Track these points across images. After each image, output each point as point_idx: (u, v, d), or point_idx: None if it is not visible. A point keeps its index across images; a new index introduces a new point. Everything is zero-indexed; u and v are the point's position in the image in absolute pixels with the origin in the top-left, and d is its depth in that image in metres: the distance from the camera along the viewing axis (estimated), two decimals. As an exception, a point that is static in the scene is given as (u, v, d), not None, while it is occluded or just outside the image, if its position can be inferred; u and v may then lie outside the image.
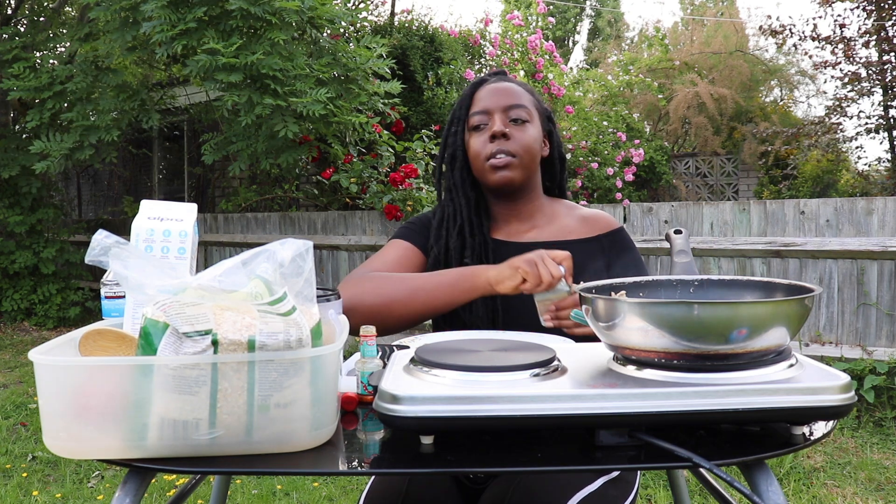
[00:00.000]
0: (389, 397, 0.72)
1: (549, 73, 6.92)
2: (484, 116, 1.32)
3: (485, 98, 1.34)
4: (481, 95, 1.35)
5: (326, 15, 4.62)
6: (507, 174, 1.30)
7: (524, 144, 1.30)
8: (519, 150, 1.30)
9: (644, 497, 2.66)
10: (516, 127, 1.31)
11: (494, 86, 1.35)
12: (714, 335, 0.72)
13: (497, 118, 1.31)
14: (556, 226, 1.37)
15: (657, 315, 0.73)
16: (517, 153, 1.30)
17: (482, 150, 1.31)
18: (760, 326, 0.72)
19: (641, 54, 11.53)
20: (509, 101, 1.32)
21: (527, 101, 1.34)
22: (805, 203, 3.70)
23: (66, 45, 6.26)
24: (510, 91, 1.34)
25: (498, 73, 1.42)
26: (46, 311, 6.48)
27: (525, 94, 1.36)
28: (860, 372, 3.35)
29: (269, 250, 0.76)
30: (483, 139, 1.31)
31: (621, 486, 1.15)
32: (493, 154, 1.29)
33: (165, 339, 0.72)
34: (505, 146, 1.29)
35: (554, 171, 1.43)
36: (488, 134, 1.31)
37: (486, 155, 1.30)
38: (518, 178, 1.31)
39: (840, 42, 7.37)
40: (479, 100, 1.34)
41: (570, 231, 1.36)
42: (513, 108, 1.31)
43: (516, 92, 1.34)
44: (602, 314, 0.78)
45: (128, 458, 0.72)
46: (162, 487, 2.82)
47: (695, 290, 0.91)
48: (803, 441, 0.74)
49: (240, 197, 6.53)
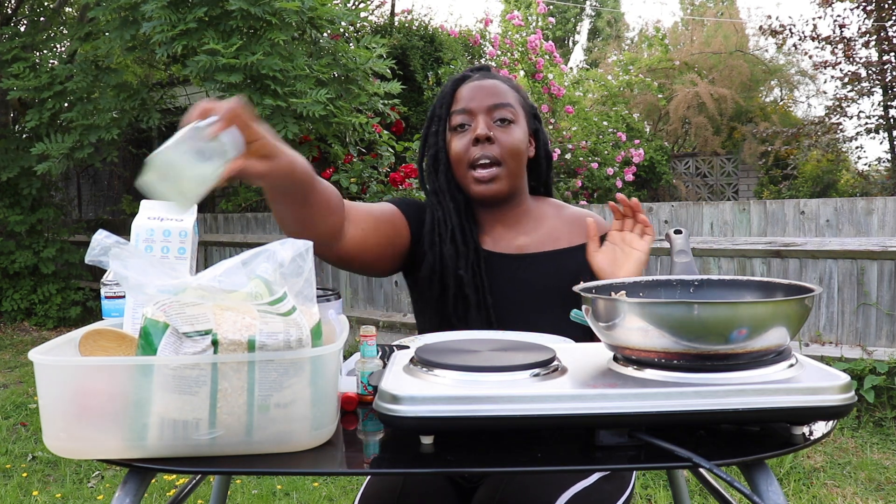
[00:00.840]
0: (389, 397, 0.72)
1: (549, 73, 6.92)
2: (466, 116, 1.23)
3: (468, 96, 1.23)
4: (463, 93, 1.24)
5: (326, 15, 4.62)
6: (493, 187, 1.21)
7: (510, 148, 1.21)
8: (504, 156, 1.21)
9: (644, 497, 2.66)
10: (501, 129, 1.22)
11: (478, 83, 1.25)
12: (714, 335, 0.72)
13: (481, 119, 1.21)
14: (544, 231, 1.29)
15: (657, 315, 0.73)
16: (503, 159, 1.21)
17: (465, 155, 1.22)
18: (760, 326, 0.72)
19: (641, 54, 11.54)
20: (494, 100, 1.22)
21: (512, 99, 1.25)
22: (805, 203, 3.70)
23: (66, 45, 6.26)
24: (495, 89, 1.24)
25: (482, 69, 1.33)
26: (46, 311, 6.48)
27: (510, 91, 1.26)
28: (860, 372, 3.35)
29: (269, 250, 0.76)
30: (465, 142, 1.22)
31: (616, 482, 1.14)
32: (477, 160, 1.20)
33: (165, 339, 0.72)
34: (489, 151, 1.20)
35: (540, 170, 1.34)
36: (471, 136, 1.21)
37: (469, 161, 1.21)
38: (504, 189, 1.23)
39: (840, 42, 7.37)
40: (462, 98, 1.24)
41: (559, 237, 1.29)
42: (497, 108, 1.22)
43: (501, 90, 1.24)
44: (602, 314, 0.78)
45: (128, 458, 0.72)
46: (162, 487, 2.82)
47: (695, 291, 0.91)
48: (803, 441, 0.74)
49: (240, 197, 6.53)
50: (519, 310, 1.24)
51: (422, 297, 1.29)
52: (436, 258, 1.24)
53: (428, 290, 1.25)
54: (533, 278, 1.25)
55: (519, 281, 1.25)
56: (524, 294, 1.25)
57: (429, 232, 1.26)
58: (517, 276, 1.25)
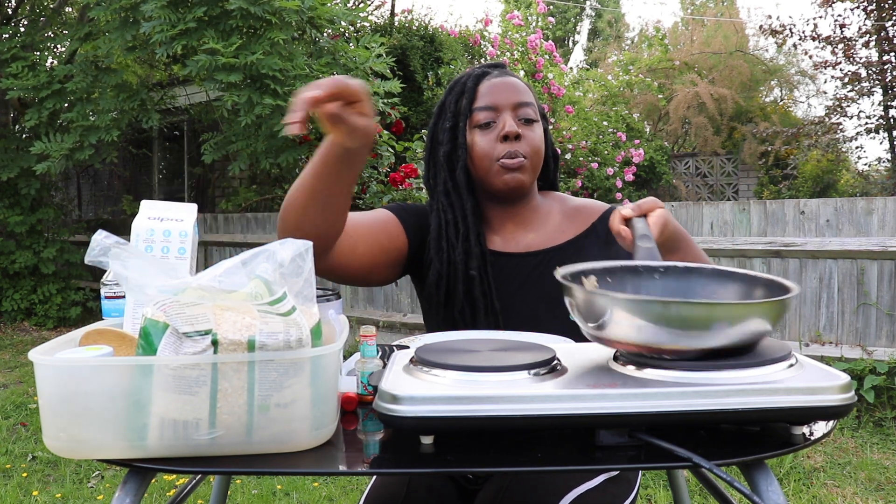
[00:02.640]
0: (389, 397, 0.72)
1: (549, 73, 6.92)
2: (492, 113, 1.22)
3: (491, 93, 1.23)
4: (485, 89, 1.24)
5: (326, 15, 4.62)
6: (519, 177, 1.21)
7: (535, 146, 1.22)
8: (530, 153, 1.21)
9: (644, 497, 2.66)
10: (526, 127, 1.22)
11: (500, 80, 1.24)
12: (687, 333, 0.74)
13: (507, 117, 1.21)
14: (550, 227, 1.29)
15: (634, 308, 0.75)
16: (528, 155, 1.21)
17: (492, 151, 1.21)
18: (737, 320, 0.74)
19: (641, 54, 11.54)
20: (518, 98, 1.22)
21: (532, 97, 1.26)
22: (805, 203, 3.70)
23: (66, 45, 6.26)
24: (518, 87, 1.24)
25: (498, 66, 1.31)
26: (46, 311, 6.48)
27: (528, 90, 1.27)
28: (860, 372, 3.35)
29: (269, 250, 0.76)
30: (491, 138, 1.21)
31: (622, 485, 1.14)
32: (506, 155, 1.20)
33: (165, 339, 0.72)
34: (518, 147, 1.20)
35: (548, 169, 1.35)
36: (498, 133, 1.21)
37: (497, 156, 1.21)
38: (528, 182, 1.23)
39: (840, 42, 7.38)
40: (484, 94, 1.23)
41: (563, 231, 1.29)
42: (522, 107, 1.22)
43: (522, 89, 1.25)
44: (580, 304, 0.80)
45: (128, 458, 0.72)
46: (162, 487, 2.82)
47: (660, 277, 0.91)
48: (803, 441, 0.74)
49: (240, 197, 6.54)
50: (524, 298, 1.24)
51: (429, 301, 1.28)
52: (443, 263, 1.23)
53: (436, 293, 1.24)
54: (540, 275, 1.25)
55: (526, 279, 1.25)
56: (532, 293, 1.25)
57: (435, 239, 1.24)
58: (524, 274, 1.25)
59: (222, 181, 7.81)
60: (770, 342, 0.82)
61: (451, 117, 1.26)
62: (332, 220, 1.06)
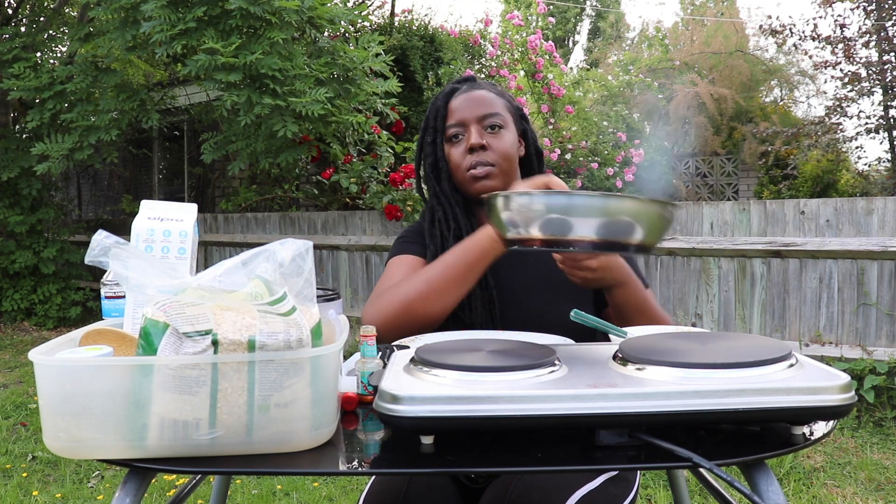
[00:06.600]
0: (389, 397, 0.72)
1: (549, 73, 6.92)
2: (460, 128, 1.33)
3: (459, 108, 1.34)
4: (455, 105, 1.35)
5: (326, 15, 4.62)
6: (488, 183, 1.31)
7: (502, 152, 1.32)
8: (498, 159, 1.31)
9: (644, 497, 2.66)
10: (493, 135, 1.32)
11: (467, 95, 1.35)
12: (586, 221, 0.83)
13: (473, 129, 1.31)
14: None
15: (547, 202, 0.87)
16: (496, 162, 1.31)
17: (462, 162, 1.32)
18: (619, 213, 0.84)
19: (641, 54, 11.53)
20: (483, 110, 1.33)
21: (500, 106, 1.35)
22: (805, 203, 3.70)
23: (67, 45, 6.26)
24: (483, 100, 1.34)
25: (467, 80, 1.43)
26: (46, 311, 6.48)
27: (497, 98, 1.36)
28: (860, 372, 3.35)
29: (269, 250, 0.76)
30: (461, 151, 1.33)
31: (622, 485, 1.15)
32: (473, 166, 1.31)
33: (165, 339, 0.72)
34: (484, 157, 1.30)
35: (532, 168, 1.42)
36: (466, 146, 1.32)
37: (466, 167, 1.32)
38: (499, 186, 1.32)
39: (840, 42, 7.37)
40: (454, 110, 1.35)
41: None
42: (487, 118, 1.32)
43: (488, 100, 1.34)
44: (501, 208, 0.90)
45: (128, 458, 0.72)
46: (162, 487, 2.82)
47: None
48: (803, 441, 0.74)
49: (240, 197, 6.53)
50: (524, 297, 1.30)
51: None
52: (438, 248, 1.32)
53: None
54: (527, 267, 1.33)
55: (517, 271, 1.32)
56: (523, 283, 1.32)
57: (429, 228, 1.35)
58: (514, 266, 1.31)
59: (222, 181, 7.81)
60: (770, 342, 0.82)
61: (431, 132, 1.38)
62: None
